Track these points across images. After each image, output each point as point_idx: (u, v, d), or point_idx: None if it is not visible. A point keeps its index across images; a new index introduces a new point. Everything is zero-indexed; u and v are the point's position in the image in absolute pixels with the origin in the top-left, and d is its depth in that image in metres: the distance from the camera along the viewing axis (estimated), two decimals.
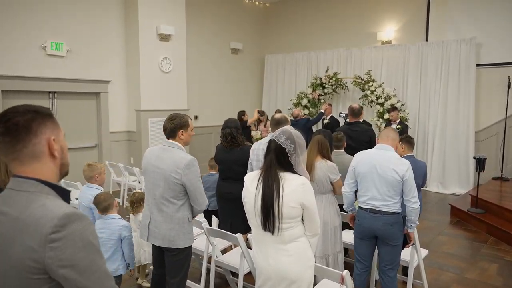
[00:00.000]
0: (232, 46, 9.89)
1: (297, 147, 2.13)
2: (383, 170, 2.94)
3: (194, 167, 2.65)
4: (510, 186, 6.79)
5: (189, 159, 2.64)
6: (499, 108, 7.46)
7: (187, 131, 2.78)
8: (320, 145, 3.35)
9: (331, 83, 8.78)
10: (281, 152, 2.10)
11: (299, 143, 2.15)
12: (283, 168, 2.11)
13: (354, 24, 9.17)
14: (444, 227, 5.70)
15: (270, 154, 2.13)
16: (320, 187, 3.31)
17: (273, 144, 2.14)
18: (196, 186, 2.67)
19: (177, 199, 2.67)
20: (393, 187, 2.94)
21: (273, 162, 2.11)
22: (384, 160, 2.97)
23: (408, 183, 2.93)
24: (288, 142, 2.11)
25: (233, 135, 3.80)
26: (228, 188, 3.81)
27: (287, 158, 2.10)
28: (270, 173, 2.09)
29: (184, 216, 2.74)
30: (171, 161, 2.65)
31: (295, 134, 2.16)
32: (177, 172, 2.62)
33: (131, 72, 7.82)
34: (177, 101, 8.29)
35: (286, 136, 2.12)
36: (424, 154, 8.12)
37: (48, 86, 6.82)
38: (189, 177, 2.62)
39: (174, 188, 2.65)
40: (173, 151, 2.70)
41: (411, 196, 2.97)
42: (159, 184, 2.68)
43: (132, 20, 7.63)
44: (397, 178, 2.91)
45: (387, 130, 3.16)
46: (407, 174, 2.91)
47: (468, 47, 7.53)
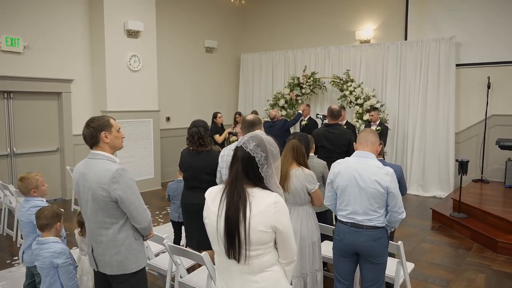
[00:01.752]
0: (206, 44, 9.47)
1: (269, 156, 1.76)
2: (364, 182, 2.60)
3: (123, 178, 2.19)
4: (491, 189, 6.63)
5: (114, 170, 2.16)
6: (478, 109, 7.32)
7: (111, 132, 2.32)
8: (295, 151, 2.99)
9: (309, 83, 8.49)
10: (249, 162, 1.72)
11: (272, 152, 1.78)
12: (251, 182, 1.73)
13: (332, 23, 8.91)
14: (426, 233, 5.45)
15: (236, 165, 1.75)
16: (296, 198, 2.95)
17: (240, 152, 1.75)
18: (130, 201, 2.21)
19: (114, 218, 2.24)
20: (376, 200, 2.61)
21: (239, 174, 1.73)
22: (364, 170, 2.62)
23: (393, 195, 2.60)
24: (259, 150, 1.73)
25: (200, 135, 3.40)
26: (194, 199, 3.42)
27: (257, 170, 1.73)
28: (235, 188, 1.71)
29: (129, 235, 2.31)
30: (94, 176, 2.19)
31: (267, 141, 1.79)
32: (103, 189, 2.16)
33: (96, 70, 7.30)
34: (147, 101, 7.82)
35: (256, 143, 1.75)
36: (404, 155, 7.93)
37: (2, 85, 6.26)
38: (119, 191, 2.16)
39: (106, 207, 2.20)
40: (96, 163, 2.24)
41: (398, 207, 2.66)
42: (89, 206, 2.24)
43: (97, 14, 7.13)
44: (380, 190, 2.58)
45: (365, 133, 2.78)
46: (391, 185, 2.58)
47: (447, 46, 7.36)
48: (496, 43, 7.13)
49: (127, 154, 7.48)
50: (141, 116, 7.72)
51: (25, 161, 6.66)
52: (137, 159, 7.67)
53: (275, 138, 6.03)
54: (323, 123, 6.28)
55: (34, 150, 6.76)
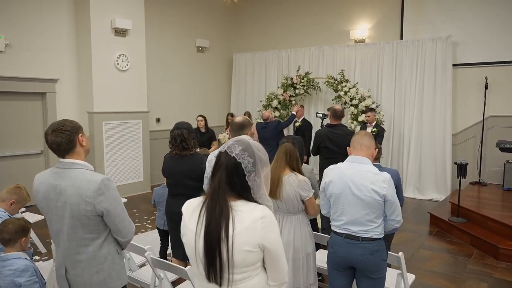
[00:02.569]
0: (197, 43, 9.23)
1: (258, 162, 1.53)
2: (359, 190, 2.38)
3: (109, 189, 1.96)
4: (489, 192, 6.46)
5: (99, 180, 1.93)
6: (476, 110, 7.15)
7: (84, 134, 2.07)
8: (289, 155, 2.76)
9: (303, 83, 8.28)
10: (234, 169, 1.50)
11: (260, 158, 1.55)
12: (235, 193, 1.50)
13: (326, 22, 8.71)
14: (424, 238, 5.26)
15: (219, 172, 1.51)
16: (289, 206, 2.72)
17: (223, 158, 1.52)
18: (117, 213, 1.99)
19: (96, 233, 2.00)
20: (372, 210, 2.39)
21: (222, 184, 1.49)
22: (359, 177, 2.40)
23: (391, 203, 2.39)
24: (246, 155, 1.51)
25: (183, 137, 3.16)
26: (178, 207, 3.09)
27: (243, 178, 1.50)
28: (217, 200, 1.48)
29: (111, 251, 2.07)
30: (74, 189, 1.94)
31: (255, 146, 1.56)
32: (86, 202, 1.92)
33: (83, 70, 7.03)
34: (136, 102, 7.57)
35: (243, 147, 1.52)
36: (400, 157, 7.74)
37: None
38: (106, 204, 1.94)
39: (87, 222, 1.97)
40: (72, 174, 1.98)
41: (396, 215, 2.45)
42: (66, 222, 1.99)
43: (83, 11, 6.86)
44: (377, 198, 2.36)
45: (359, 136, 2.55)
46: (389, 193, 2.36)
47: (444, 46, 7.19)
48: (494, 42, 6.97)
49: (115, 157, 7.22)
50: (129, 117, 7.46)
51: (8, 164, 6.37)
52: (125, 162, 7.41)
53: (268, 140, 5.82)
54: (323, 123, 6.13)
55: (17, 152, 6.47)
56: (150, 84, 8.04)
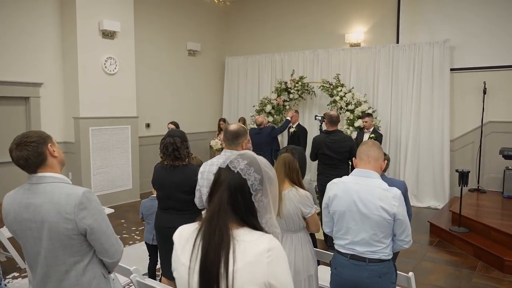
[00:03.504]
0: (189, 47, 8.98)
1: (265, 180, 1.28)
2: (367, 208, 2.16)
3: (92, 203, 1.72)
4: (489, 200, 6.29)
5: (80, 193, 1.70)
6: (474, 115, 7.00)
7: (54, 143, 1.82)
8: (288, 166, 2.52)
9: (297, 87, 8.07)
10: (239, 188, 1.25)
11: (268, 175, 1.30)
12: (238, 218, 1.25)
13: (320, 25, 8.53)
14: (425, 249, 5.05)
15: (220, 192, 1.26)
16: (290, 224, 2.48)
17: (225, 175, 1.28)
18: (102, 230, 1.74)
19: (79, 256, 1.74)
20: (381, 229, 2.17)
21: (223, 206, 1.24)
22: (366, 193, 2.17)
23: (401, 223, 2.17)
24: (252, 171, 1.27)
25: (176, 146, 2.91)
26: (169, 221, 2.92)
27: (249, 198, 1.26)
28: (216, 227, 1.23)
29: (97, 275, 1.82)
30: (51, 205, 1.70)
31: (261, 161, 1.32)
32: (67, 219, 1.68)
33: (68, 73, 6.74)
34: (125, 107, 7.28)
35: (248, 161, 1.28)
36: (397, 164, 7.55)
37: None
38: (89, 220, 1.70)
39: (69, 243, 1.72)
40: (47, 188, 1.74)
41: (406, 235, 2.22)
42: (44, 245, 1.73)
43: (69, 13, 6.58)
44: (386, 217, 2.14)
45: (366, 146, 2.31)
46: (399, 212, 2.14)
47: (441, 50, 7.04)
48: (492, 46, 6.83)
49: (102, 164, 6.93)
50: (118, 123, 7.18)
51: None
52: (113, 169, 7.11)
53: (262, 146, 5.49)
54: (322, 126, 5.97)
55: None
56: (140, 88, 7.77)
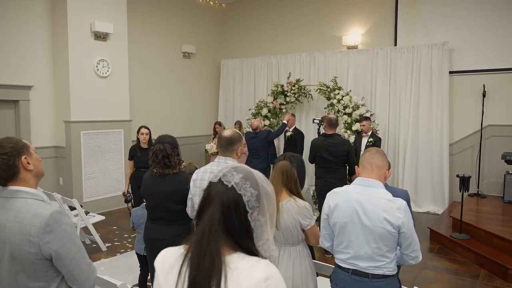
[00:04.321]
0: (184, 49, 8.82)
1: (262, 195, 1.14)
2: (370, 219, 2.01)
3: (61, 226, 1.54)
4: (489, 205, 6.17)
5: (47, 214, 1.52)
6: (473, 118, 6.89)
7: (31, 155, 1.66)
8: (285, 175, 2.37)
9: (294, 90, 7.93)
10: (233, 205, 1.10)
11: (266, 191, 1.15)
12: (231, 241, 1.09)
13: (317, 27, 8.41)
14: (426, 257, 4.91)
15: (211, 209, 1.11)
16: (288, 236, 2.33)
17: (216, 190, 1.13)
18: (71, 256, 1.56)
19: (44, 281, 1.56)
20: (385, 243, 2.02)
21: (214, 225, 1.08)
22: (369, 203, 2.03)
23: (407, 236, 2.02)
24: (248, 185, 1.12)
25: (166, 153, 2.76)
26: (159, 233, 2.77)
27: (244, 216, 1.10)
28: (206, 249, 1.07)
29: None
30: (15, 225, 1.53)
31: (258, 175, 1.17)
32: (30, 242, 1.50)
33: (59, 76, 6.57)
34: (117, 110, 7.12)
35: (243, 175, 1.14)
36: (395, 168, 7.42)
37: None
38: (55, 245, 1.52)
39: (32, 268, 1.55)
40: (15, 204, 1.57)
41: (411, 250, 2.08)
42: (5, 267, 1.56)
43: (60, 14, 6.42)
44: (390, 230, 2.00)
45: (370, 154, 2.19)
46: (405, 224, 1.99)
47: (440, 52, 6.93)
48: (492, 49, 6.72)
49: (93, 169, 6.75)
50: (110, 127, 7.01)
51: None
52: (105, 174, 6.93)
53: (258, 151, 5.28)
54: (320, 129, 5.90)
55: None
56: (133, 91, 7.61)
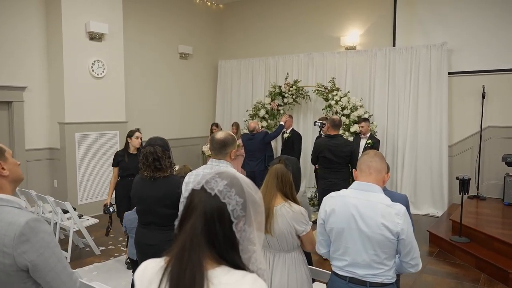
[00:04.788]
0: (180, 50, 8.74)
1: (249, 204, 1.05)
2: (367, 225, 1.93)
3: (38, 234, 1.44)
4: (489, 207, 6.10)
5: (23, 222, 1.42)
6: (473, 120, 6.82)
7: (6, 160, 1.57)
8: (280, 179, 2.28)
9: (291, 91, 7.86)
10: (217, 214, 1.01)
11: (252, 198, 1.07)
12: (215, 253, 1.01)
13: (315, 28, 8.34)
14: (425, 260, 4.82)
15: (193, 219, 1.02)
16: (282, 243, 2.25)
17: (199, 198, 1.04)
18: (49, 267, 1.46)
19: None
20: (383, 250, 1.94)
21: (196, 237, 1.00)
22: (367, 208, 1.95)
23: (406, 243, 1.93)
24: (233, 193, 1.04)
25: (156, 156, 2.67)
26: (150, 238, 2.68)
27: (229, 227, 1.02)
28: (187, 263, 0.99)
29: None
30: None
31: (244, 181, 1.09)
32: (4, 253, 1.41)
33: (54, 77, 6.49)
34: (113, 112, 7.03)
35: (228, 182, 1.05)
36: (394, 170, 7.34)
37: None
38: (31, 255, 1.42)
39: (7, 280, 1.45)
40: None
41: (411, 258, 1.99)
42: None
43: (54, 14, 6.33)
44: (389, 236, 1.91)
45: (368, 157, 2.09)
46: (404, 230, 1.90)
47: (439, 53, 6.86)
48: (491, 49, 6.66)
49: (88, 171, 6.65)
50: (106, 128, 6.92)
51: None
52: (100, 176, 6.83)
53: (255, 153, 5.17)
54: (321, 132, 5.98)
55: None
56: (129, 92, 7.53)
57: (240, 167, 7.09)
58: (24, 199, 5.58)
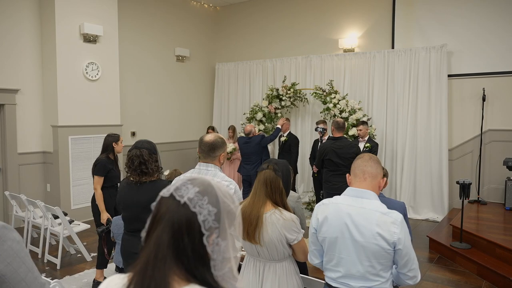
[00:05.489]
0: (177, 52, 8.65)
1: (223, 214, 0.94)
2: (362, 235, 1.81)
3: (5, 242, 1.33)
4: (490, 212, 5.97)
5: None
6: (473, 123, 6.71)
7: None
8: (269, 185, 2.15)
9: (289, 94, 7.75)
10: (186, 225, 0.90)
11: (228, 208, 0.95)
12: (183, 269, 0.89)
13: (313, 30, 8.25)
14: (426, 267, 4.71)
15: (158, 231, 0.91)
16: (273, 252, 2.12)
17: (167, 207, 0.92)
18: (19, 277, 1.34)
19: None
20: (379, 261, 1.82)
21: (162, 252, 0.88)
22: (361, 217, 1.82)
23: (403, 253, 1.81)
24: (205, 201, 0.92)
25: (143, 159, 2.55)
26: (136, 246, 2.56)
27: (199, 240, 0.90)
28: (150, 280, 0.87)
29: None
30: None
31: (220, 189, 0.97)
32: None
33: (47, 79, 6.39)
34: (107, 114, 6.92)
35: (201, 189, 0.94)
36: (393, 174, 7.22)
37: None
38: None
39: None
40: None
41: (409, 269, 1.87)
42: None
43: (48, 15, 6.24)
44: (385, 246, 1.79)
45: (362, 161, 1.95)
46: (401, 240, 1.78)
47: (438, 55, 6.76)
48: (492, 51, 6.55)
49: (82, 175, 6.53)
50: (100, 131, 6.79)
51: None
52: None
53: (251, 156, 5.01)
54: (323, 137, 6.06)
55: None
56: (125, 95, 7.43)
57: (236, 170, 6.99)
58: (15, 204, 5.47)
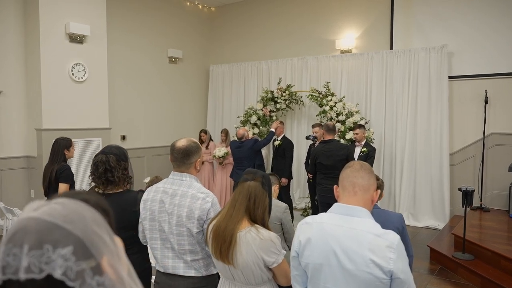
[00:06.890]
0: (170, 54, 8.39)
1: (90, 245, 0.67)
2: (352, 261, 1.49)
3: None
4: (494, 220, 5.70)
5: None
6: (475, 126, 6.44)
7: None
8: (253, 200, 1.85)
9: (284, 97, 7.49)
10: None
11: (102, 240, 0.70)
12: None
13: (309, 31, 7.99)
14: (427, 279, 4.43)
15: None
16: (249, 276, 1.84)
17: None
18: None
19: None
20: None
21: None
22: (351, 240, 1.50)
23: (402, 283, 1.48)
24: (50, 250, 0.64)
25: (109, 166, 2.27)
26: None
27: None
28: None
29: None
30: None
31: (87, 217, 0.71)
32: None
33: (31, 81, 6.12)
34: (95, 118, 6.64)
35: (33, 241, 0.65)
36: (392, 180, 6.95)
37: None
38: None
39: None
40: None
41: None
42: None
43: (32, 14, 5.98)
44: (379, 275, 1.46)
45: (351, 170, 1.62)
46: (398, 268, 1.46)
47: (439, 56, 6.51)
48: (494, 52, 6.29)
49: None
50: (87, 135, 6.53)
51: None
52: (81, 186, 6.41)
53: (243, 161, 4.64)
54: (315, 145, 5.81)
55: None
56: (114, 97, 7.16)
57: (228, 176, 6.72)
58: None
